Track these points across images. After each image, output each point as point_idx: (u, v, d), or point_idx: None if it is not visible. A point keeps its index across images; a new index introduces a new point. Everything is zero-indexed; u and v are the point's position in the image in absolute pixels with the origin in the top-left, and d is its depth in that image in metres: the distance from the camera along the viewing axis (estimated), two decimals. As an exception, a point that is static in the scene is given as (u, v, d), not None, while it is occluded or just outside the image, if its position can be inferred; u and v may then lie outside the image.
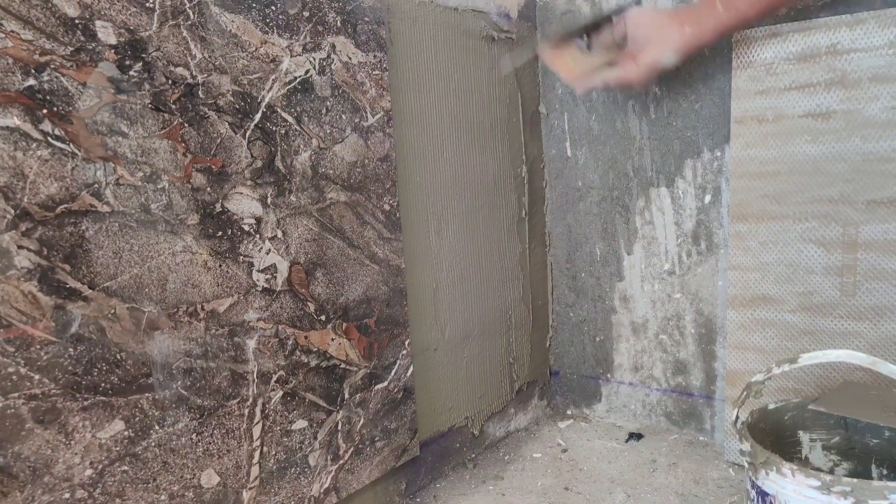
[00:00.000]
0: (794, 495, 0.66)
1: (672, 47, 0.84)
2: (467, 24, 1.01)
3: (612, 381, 1.21)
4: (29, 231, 0.54)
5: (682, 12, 0.85)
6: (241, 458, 0.72)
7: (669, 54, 0.85)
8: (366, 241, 0.84)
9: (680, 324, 1.12)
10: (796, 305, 0.94)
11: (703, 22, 0.83)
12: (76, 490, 0.58)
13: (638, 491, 0.97)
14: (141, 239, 0.62)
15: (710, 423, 1.11)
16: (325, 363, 0.80)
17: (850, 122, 0.88)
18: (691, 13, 0.84)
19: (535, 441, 1.16)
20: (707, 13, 0.83)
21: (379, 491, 0.92)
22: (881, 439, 0.81)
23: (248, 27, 0.69)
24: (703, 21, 0.83)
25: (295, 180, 0.75)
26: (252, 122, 0.71)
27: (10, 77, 0.53)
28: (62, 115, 0.56)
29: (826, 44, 0.88)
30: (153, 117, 0.62)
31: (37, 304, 0.55)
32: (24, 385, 0.55)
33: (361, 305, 0.84)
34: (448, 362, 1.02)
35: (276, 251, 0.74)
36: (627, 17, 0.89)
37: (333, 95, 0.79)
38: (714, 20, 0.83)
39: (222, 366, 0.69)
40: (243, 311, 0.71)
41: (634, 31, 0.87)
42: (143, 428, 0.63)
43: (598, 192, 1.16)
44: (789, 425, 0.84)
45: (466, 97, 1.02)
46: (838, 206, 0.90)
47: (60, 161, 0.56)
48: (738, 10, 0.82)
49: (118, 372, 0.61)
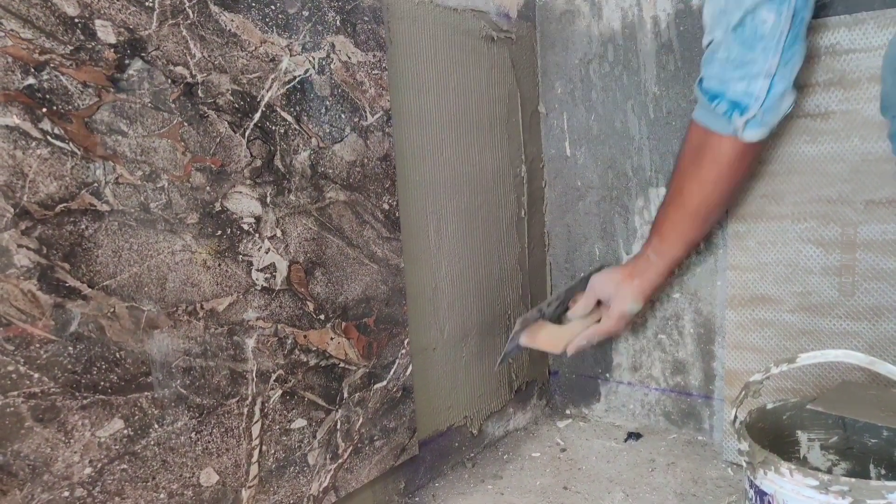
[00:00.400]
0: (792, 495, 0.66)
1: (631, 299, 0.98)
2: (467, 24, 1.01)
3: (610, 381, 1.21)
4: (28, 230, 0.55)
5: (630, 267, 0.99)
6: (240, 457, 0.72)
7: (632, 304, 0.98)
8: (365, 241, 0.84)
9: (679, 323, 1.12)
10: (795, 305, 0.95)
11: (647, 272, 0.97)
12: (75, 488, 0.58)
13: (636, 490, 0.97)
14: (140, 238, 0.62)
15: (709, 422, 1.12)
16: (324, 362, 0.80)
17: (848, 123, 0.88)
18: (636, 267, 0.98)
19: (533, 440, 1.16)
20: (646, 265, 0.96)
21: (378, 490, 0.92)
22: (879, 439, 0.81)
23: (247, 26, 0.69)
24: (646, 272, 0.97)
25: (294, 179, 0.75)
26: (251, 122, 0.71)
27: (10, 76, 0.53)
28: (62, 113, 0.56)
29: (825, 44, 0.88)
30: (152, 116, 0.62)
31: (36, 302, 0.55)
32: (23, 383, 0.55)
33: (360, 305, 0.84)
34: (447, 361, 1.02)
35: (276, 250, 0.74)
36: (593, 283, 1.01)
37: (333, 95, 0.79)
38: (654, 269, 0.96)
39: (221, 365, 0.69)
40: (242, 310, 0.71)
41: (601, 292, 1.00)
42: (143, 426, 0.63)
43: (598, 192, 1.16)
44: (788, 425, 0.84)
45: (466, 96, 1.02)
46: (837, 206, 0.90)
47: (60, 160, 0.56)
48: (668, 255, 0.95)
49: (117, 370, 0.61)
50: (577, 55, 1.14)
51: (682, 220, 0.92)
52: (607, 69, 1.11)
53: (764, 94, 0.79)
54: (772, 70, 0.78)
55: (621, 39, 1.09)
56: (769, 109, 0.80)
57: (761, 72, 0.78)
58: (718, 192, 0.88)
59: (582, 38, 1.13)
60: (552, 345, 1.00)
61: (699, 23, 1.01)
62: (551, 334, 1.01)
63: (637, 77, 1.09)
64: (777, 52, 0.77)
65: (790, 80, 0.80)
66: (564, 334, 1.01)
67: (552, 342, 1.00)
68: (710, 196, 0.89)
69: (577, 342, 0.99)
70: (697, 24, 1.01)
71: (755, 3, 0.76)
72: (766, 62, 0.78)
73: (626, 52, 1.09)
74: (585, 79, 1.14)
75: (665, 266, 0.96)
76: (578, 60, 1.14)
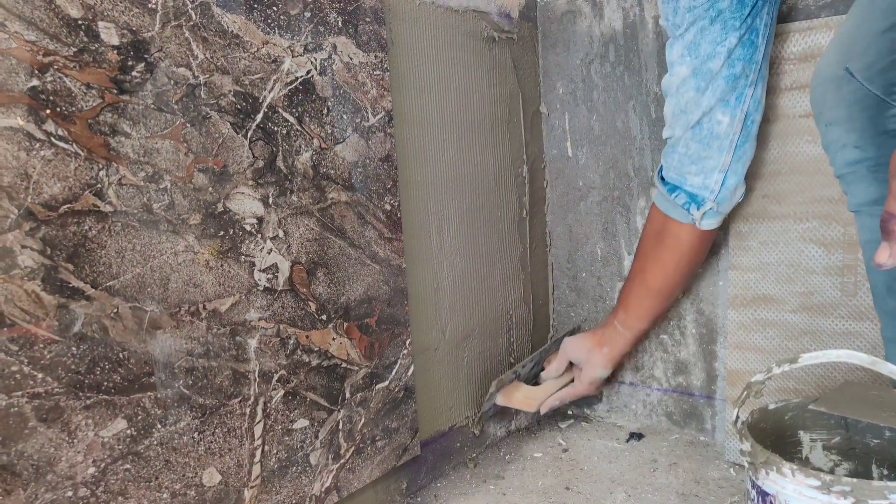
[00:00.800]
0: (794, 495, 0.66)
1: (601, 366, 1.05)
2: (468, 25, 1.01)
3: (612, 381, 1.21)
4: (32, 231, 0.55)
5: (599, 335, 1.05)
6: (242, 457, 0.72)
7: (601, 371, 1.05)
8: (367, 241, 0.85)
9: (681, 324, 1.12)
10: (797, 305, 0.94)
11: (615, 342, 1.04)
12: (79, 488, 0.59)
13: (638, 491, 0.97)
14: (143, 238, 0.62)
15: (711, 422, 1.12)
16: (326, 362, 0.80)
17: (850, 123, 0.88)
18: (605, 335, 1.05)
19: (535, 441, 1.16)
20: (614, 334, 1.04)
21: (380, 490, 0.92)
22: (882, 439, 0.81)
23: (249, 28, 0.70)
24: (613, 341, 1.04)
25: (296, 180, 0.76)
26: (254, 123, 0.71)
27: (14, 77, 0.53)
28: (65, 115, 0.56)
29: (826, 43, 0.88)
30: (155, 117, 0.63)
31: (40, 303, 0.55)
32: (27, 384, 0.55)
33: (362, 305, 0.85)
34: (449, 362, 1.02)
35: (278, 251, 0.74)
36: (565, 346, 1.08)
37: (334, 96, 0.79)
38: (622, 339, 1.04)
39: (224, 365, 0.70)
40: (245, 310, 0.71)
41: (573, 355, 1.08)
42: (146, 426, 0.63)
43: (599, 192, 1.16)
44: (790, 425, 0.84)
45: (467, 97, 1.02)
46: (839, 206, 0.90)
47: (63, 161, 0.56)
48: (633, 327, 1.02)
49: (120, 371, 0.61)
50: (578, 55, 1.14)
51: (646, 297, 0.99)
52: (609, 69, 1.12)
53: (718, 188, 0.87)
54: (725, 165, 0.86)
55: (623, 39, 1.09)
56: (723, 201, 0.88)
57: (716, 167, 0.86)
58: (679, 273, 0.97)
59: (583, 38, 1.13)
60: (527, 405, 1.06)
61: (701, 23, 1.01)
62: (526, 395, 1.07)
63: (639, 77, 1.09)
64: (730, 149, 0.85)
65: (742, 175, 0.88)
66: (538, 395, 1.07)
67: (527, 402, 1.06)
68: (671, 277, 0.97)
69: (550, 402, 1.06)
70: (699, 24, 1.01)
71: (711, 106, 0.83)
72: (721, 158, 0.86)
73: (628, 51, 1.09)
74: (587, 79, 1.14)
75: (632, 336, 1.04)
76: (580, 60, 1.14)
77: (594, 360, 1.05)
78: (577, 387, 1.07)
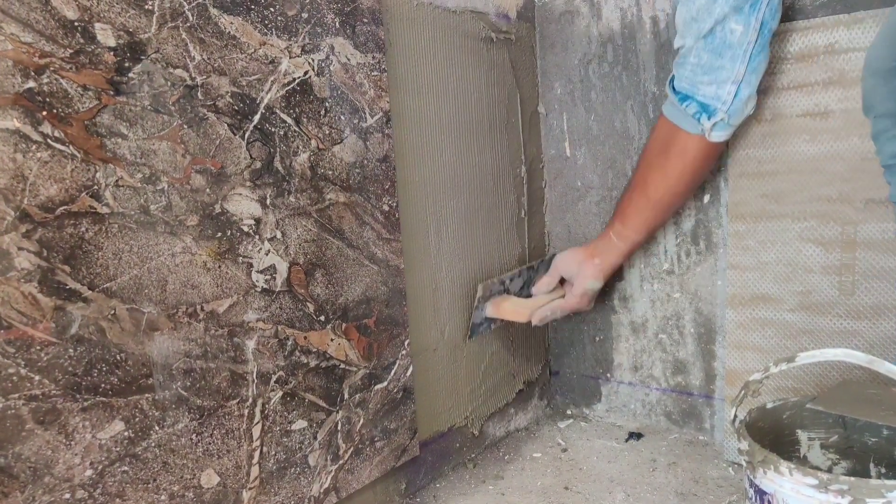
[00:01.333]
0: (791, 493, 0.66)
1: (591, 276, 1.04)
2: (466, 25, 1.01)
3: (611, 381, 1.21)
4: (29, 232, 0.55)
5: (592, 247, 1.05)
6: (240, 459, 0.72)
7: (591, 281, 1.05)
8: (365, 242, 0.85)
9: (679, 323, 1.12)
10: (795, 304, 0.95)
11: (608, 253, 1.03)
12: (76, 490, 0.59)
13: (638, 490, 0.97)
14: (140, 240, 0.62)
15: (710, 422, 1.12)
16: (324, 363, 0.80)
17: (848, 122, 0.88)
18: (598, 247, 1.04)
19: (535, 441, 1.16)
20: (608, 246, 1.03)
21: (379, 491, 0.92)
22: (879, 438, 0.81)
23: (246, 29, 0.70)
24: (607, 253, 1.03)
25: (294, 181, 0.76)
26: (251, 124, 0.71)
27: (10, 79, 0.53)
28: (62, 117, 0.56)
29: (824, 43, 0.88)
30: (152, 119, 0.63)
31: (37, 305, 0.55)
32: (24, 386, 0.55)
33: (361, 306, 0.85)
34: (448, 362, 1.02)
35: (276, 252, 0.74)
36: (556, 262, 1.08)
37: (332, 96, 0.79)
38: (615, 250, 1.03)
39: (222, 366, 0.70)
40: (243, 311, 0.71)
41: (564, 271, 1.07)
42: (143, 428, 0.63)
43: (598, 192, 1.16)
44: (788, 424, 0.84)
45: (465, 98, 1.02)
46: (837, 206, 0.90)
47: (60, 163, 0.56)
48: (629, 239, 1.01)
49: (118, 373, 0.61)
50: (576, 56, 1.14)
51: (645, 208, 0.98)
52: (607, 69, 1.12)
53: (731, 99, 0.85)
54: (739, 77, 0.83)
55: (620, 39, 1.09)
56: (735, 113, 0.86)
57: (729, 78, 0.83)
58: (682, 184, 0.94)
59: (581, 38, 1.13)
60: (518, 314, 1.04)
61: (698, 23, 1.01)
62: (516, 305, 1.05)
63: (636, 77, 1.09)
64: (744, 60, 0.82)
65: (755, 86, 0.86)
66: (529, 304, 1.05)
67: (517, 312, 1.04)
68: (673, 187, 0.95)
69: (542, 312, 1.04)
70: (696, 23, 1.01)
71: (724, 14, 0.80)
72: (734, 70, 0.83)
73: (626, 52, 1.09)
74: (585, 79, 1.14)
75: (626, 248, 1.02)
76: (578, 61, 1.14)
77: (585, 271, 1.04)
78: (568, 300, 1.06)
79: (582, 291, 1.05)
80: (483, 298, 1.04)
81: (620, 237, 1.02)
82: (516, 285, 1.10)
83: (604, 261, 1.03)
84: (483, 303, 1.04)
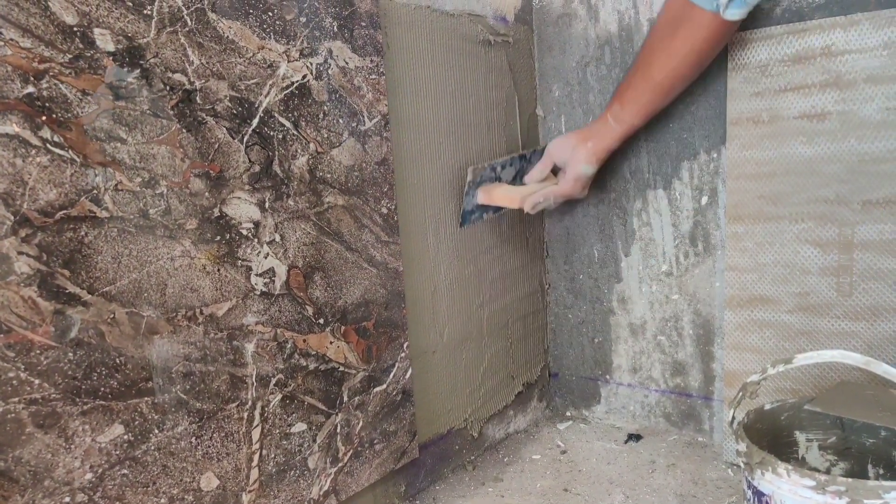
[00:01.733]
0: (789, 495, 0.66)
1: (584, 160, 1.02)
2: (463, 28, 1.02)
3: (610, 383, 1.22)
4: (28, 237, 0.55)
5: (586, 131, 1.03)
6: (240, 461, 0.72)
7: (585, 167, 1.02)
8: (364, 245, 0.85)
9: (678, 325, 1.12)
10: (793, 306, 0.95)
11: (603, 136, 1.01)
12: (76, 494, 0.59)
13: (637, 492, 0.98)
14: (140, 244, 0.62)
15: (709, 423, 1.12)
16: (323, 366, 0.81)
17: (845, 123, 0.88)
18: (593, 130, 1.02)
19: (534, 443, 1.16)
20: (604, 129, 1.01)
21: (378, 493, 0.92)
22: (877, 439, 0.81)
23: (245, 33, 0.70)
24: (602, 135, 1.01)
25: (293, 184, 0.76)
26: (250, 127, 0.71)
27: (10, 85, 0.53)
28: (61, 121, 0.57)
29: (820, 45, 0.89)
30: (151, 123, 0.63)
31: (36, 309, 0.56)
32: (24, 390, 0.55)
33: (360, 308, 0.85)
34: (447, 365, 1.03)
35: (275, 255, 0.74)
36: (549, 149, 1.06)
37: (331, 100, 0.79)
38: (611, 133, 1.00)
39: (221, 369, 0.70)
40: (242, 314, 0.71)
41: (557, 157, 1.05)
42: (143, 432, 0.63)
43: (596, 195, 1.17)
44: (786, 425, 0.84)
45: (463, 100, 1.02)
46: (834, 207, 0.90)
47: (59, 167, 0.57)
48: (626, 122, 0.99)
49: (117, 376, 0.61)
50: (574, 58, 1.15)
51: (647, 91, 0.96)
52: (605, 72, 1.12)
53: None
54: None
55: (618, 42, 1.10)
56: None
57: None
58: (687, 66, 0.92)
59: (579, 40, 1.13)
60: (509, 199, 1.02)
61: (695, 25, 1.01)
62: (508, 191, 1.03)
63: (634, 79, 1.09)
64: None
65: None
66: (521, 191, 1.03)
67: (509, 198, 1.03)
68: (677, 69, 0.93)
69: (534, 199, 1.02)
70: (694, 26, 1.02)
71: None
72: None
73: (624, 54, 1.09)
74: (583, 81, 1.14)
75: (622, 132, 1.00)
76: (576, 63, 1.15)
77: (579, 155, 1.02)
78: (562, 185, 1.05)
79: (575, 176, 1.03)
80: (473, 183, 1.01)
81: (618, 120, 0.99)
82: (508, 174, 1.07)
83: (597, 144, 1.01)
84: (474, 189, 1.01)
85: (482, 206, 1.04)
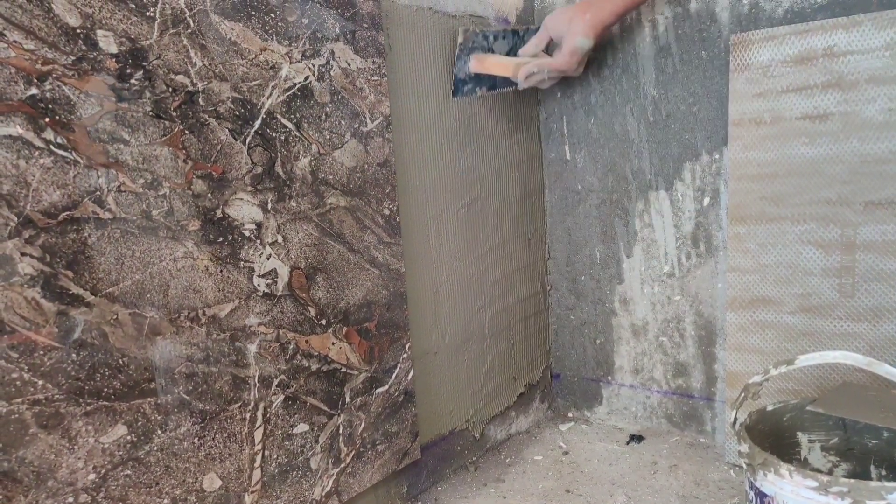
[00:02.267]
0: (792, 496, 0.66)
1: (581, 33, 0.98)
2: (466, 30, 1.02)
3: (612, 384, 1.22)
4: (32, 238, 0.55)
5: (585, 3, 0.99)
6: (242, 462, 0.72)
7: (581, 39, 0.99)
8: (366, 246, 0.85)
9: (680, 326, 1.12)
10: (795, 307, 0.95)
11: (602, 7, 0.98)
12: (79, 494, 0.59)
13: (639, 493, 0.97)
14: (143, 245, 0.63)
15: (711, 424, 1.12)
16: (325, 367, 0.81)
17: (847, 124, 0.88)
18: (592, 2, 0.99)
19: (536, 443, 1.16)
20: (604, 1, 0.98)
21: (380, 494, 0.92)
22: (880, 440, 0.81)
23: (247, 35, 0.70)
24: (600, 7, 0.98)
25: (295, 186, 0.76)
26: (252, 129, 0.71)
27: (13, 86, 0.54)
28: (64, 123, 0.57)
29: (823, 46, 0.89)
30: (154, 125, 0.63)
31: (40, 310, 0.56)
32: (27, 390, 0.55)
33: (362, 309, 0.85)
34: (449, 365, 1.03)
35: (277, 256, 0.74)
36: (546, 22, 1.03)
37: (333, 101, 0.79)
38: (610, 5, 0.98)
39: (224, 370, 0.70)
40: (244, 315, 0.72)
41: (553, 30, 1.02)
42: (146, 432, 0.64)
43: (598, 195, 1.17)
44: (788, 426, 0.84)
45: (465, 102, 1.02)
46: (836, 208, 0.90)
47: (63, 169, 0.57)
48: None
49: (120, 377, 0.61)
50: (576, 59, 1.14)
51: None
52: (606, 73, 1.12)
53: None
54: None
55: (620, 43, 1.10)
56: None
57: None
58: None
59: (581, 42, 1.13)
60: (503, 68, 1.01)
61: (698, 25, 1.01)
62: (501, 59, 1.02)
63: (636, 80, 1.09)
64: None
65: None
66: (515, 60, 1.01)
67: (502, 66, 1.01)
68: None
69: (528, 68, 1.00)
70: (696, 26, 1.02)
71: None
72: None
73: (625, 55, 1.09)
74: (584, 83, 1.14)
75: (622, 5, 0.98)
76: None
77: (575, 27, 0.98)
78: (556, 57, 1.01)
79: (571, 50, 0.99)
80: (464, 48, 0.99)
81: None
82: (500, 47, 1.04)
83: (594, 16, 0.98)
84: (465, 54, 0.99)
85: (475, 77, 1.01)
